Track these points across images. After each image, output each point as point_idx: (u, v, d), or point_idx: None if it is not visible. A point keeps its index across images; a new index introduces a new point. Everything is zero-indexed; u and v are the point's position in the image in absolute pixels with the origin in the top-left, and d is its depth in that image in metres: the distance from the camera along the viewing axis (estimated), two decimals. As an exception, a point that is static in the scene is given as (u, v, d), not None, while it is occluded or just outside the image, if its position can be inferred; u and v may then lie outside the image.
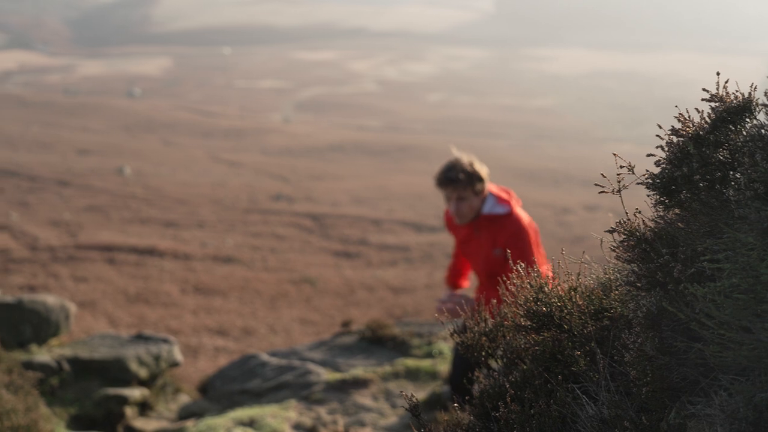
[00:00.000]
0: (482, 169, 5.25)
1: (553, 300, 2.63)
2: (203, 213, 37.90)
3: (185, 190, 42.04)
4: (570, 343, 2.61)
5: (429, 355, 8.28)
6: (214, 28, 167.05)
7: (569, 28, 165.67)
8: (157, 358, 7.78)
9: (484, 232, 5.24)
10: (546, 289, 2.70)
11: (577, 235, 36.09)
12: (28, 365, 6.75)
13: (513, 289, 2.79)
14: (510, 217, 5.21)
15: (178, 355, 8.10)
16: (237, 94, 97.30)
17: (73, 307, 8.14)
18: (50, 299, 7.93)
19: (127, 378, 7.46)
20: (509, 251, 4.06)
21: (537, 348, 2.67)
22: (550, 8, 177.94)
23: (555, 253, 3.30)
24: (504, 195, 5.32)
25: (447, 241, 29.47)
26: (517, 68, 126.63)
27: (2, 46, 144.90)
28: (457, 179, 5.09)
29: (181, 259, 29.85)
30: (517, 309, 2.77)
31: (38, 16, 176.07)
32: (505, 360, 2.81)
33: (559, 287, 2.73)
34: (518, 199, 5.39)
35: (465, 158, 5.22)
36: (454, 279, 5.93)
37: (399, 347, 8.59)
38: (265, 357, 7.60)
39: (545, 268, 4.28)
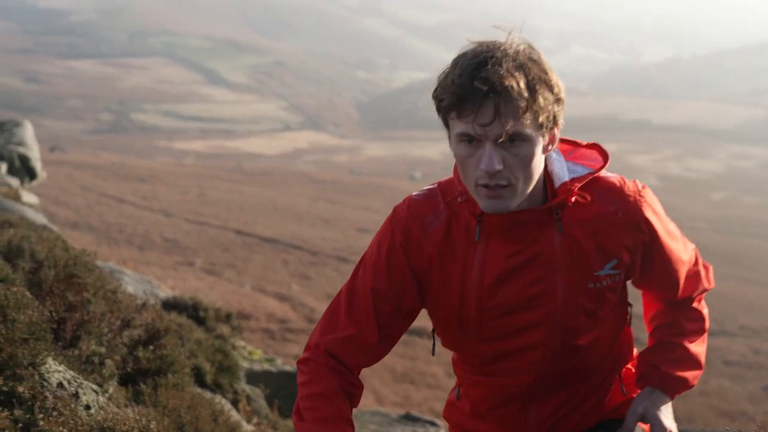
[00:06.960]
0: (556, 75, 2.12)
1: None
2: (474, 298, 38.03)
3: (457, 274, 42.39)
4: None
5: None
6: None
7: None
8: (423, 440, 7.75)
9: (572, 231, 2.26)
10: None
11: None
12: (301, 435, 6.90)
13: None
14: (611, 185, 2.38)
15: (443, 439, 8.05)
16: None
17: (345, 382, 8.28)
18: (325, 372, 8.11)
19: (393, 458, 7.48)
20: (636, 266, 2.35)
21: None
22: None
23: None
24: (567, 141, 2.47)
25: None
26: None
27: (297, 127, 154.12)
28: (503, 87, 1.99)
29: (449, 342, 29.99)
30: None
31: (332, 99, 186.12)
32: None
33: None
34: None
35: (519, 44, 2.07)
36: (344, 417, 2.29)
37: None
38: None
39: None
